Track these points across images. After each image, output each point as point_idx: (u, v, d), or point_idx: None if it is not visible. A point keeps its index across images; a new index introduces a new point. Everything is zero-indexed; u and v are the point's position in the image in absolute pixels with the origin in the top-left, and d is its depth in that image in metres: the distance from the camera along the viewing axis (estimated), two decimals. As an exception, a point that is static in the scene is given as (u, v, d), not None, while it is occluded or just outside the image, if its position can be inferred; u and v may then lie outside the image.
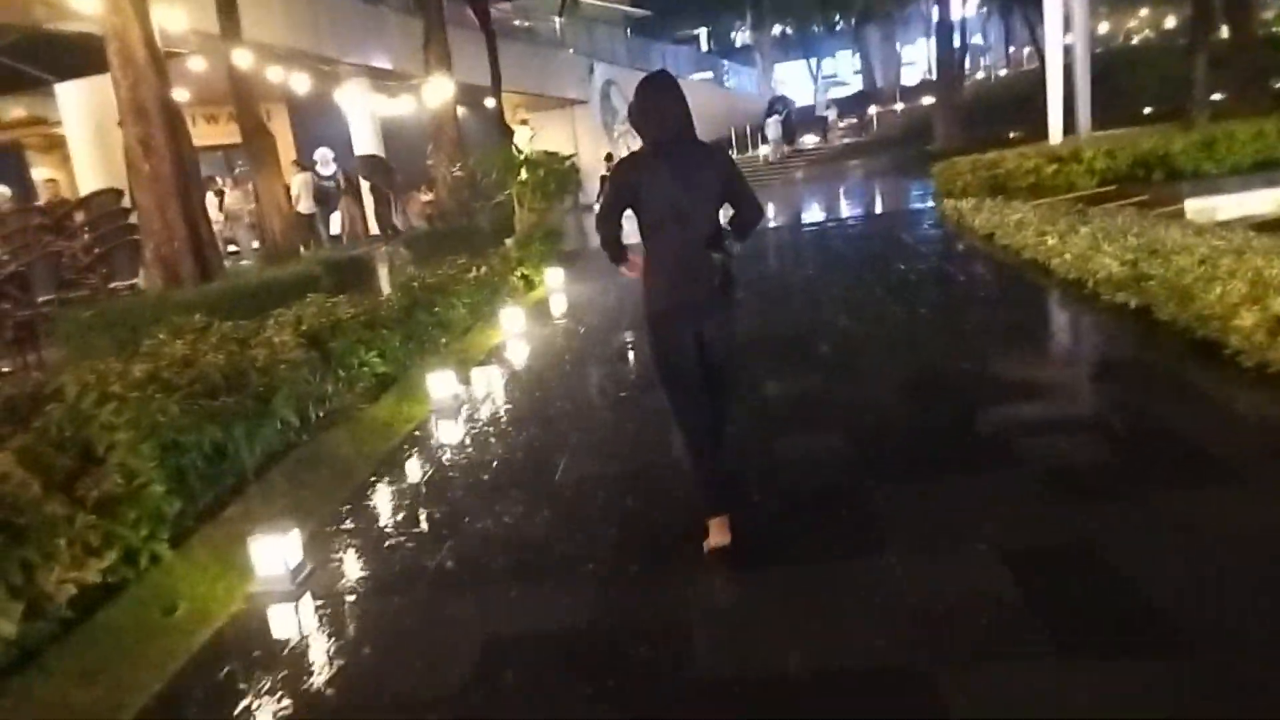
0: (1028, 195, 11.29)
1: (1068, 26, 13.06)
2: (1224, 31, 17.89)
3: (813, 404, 4.87)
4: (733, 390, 3.53)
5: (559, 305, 8.88)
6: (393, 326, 6.05)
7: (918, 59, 52.96)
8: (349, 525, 3.89)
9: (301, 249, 16.09)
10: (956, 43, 23.04)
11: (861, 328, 6.60)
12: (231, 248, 16.59)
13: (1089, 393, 4.66)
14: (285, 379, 4.81)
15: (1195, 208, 10.03)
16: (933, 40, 54.03)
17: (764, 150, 30.84)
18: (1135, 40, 44.70)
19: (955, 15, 42.01)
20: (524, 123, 28.71)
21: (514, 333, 7.35)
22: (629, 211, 3.17)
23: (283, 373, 4.88)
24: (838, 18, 31.87)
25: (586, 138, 29.31)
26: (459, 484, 4.27)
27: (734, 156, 26.85)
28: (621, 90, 31.28)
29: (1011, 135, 23.08)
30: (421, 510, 3.97)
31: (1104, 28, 50.38)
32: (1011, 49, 46.73)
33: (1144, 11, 40.47)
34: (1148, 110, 21.71)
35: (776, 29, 44.56)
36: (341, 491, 4.29)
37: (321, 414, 5.22)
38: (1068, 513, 3.10)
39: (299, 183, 19.01)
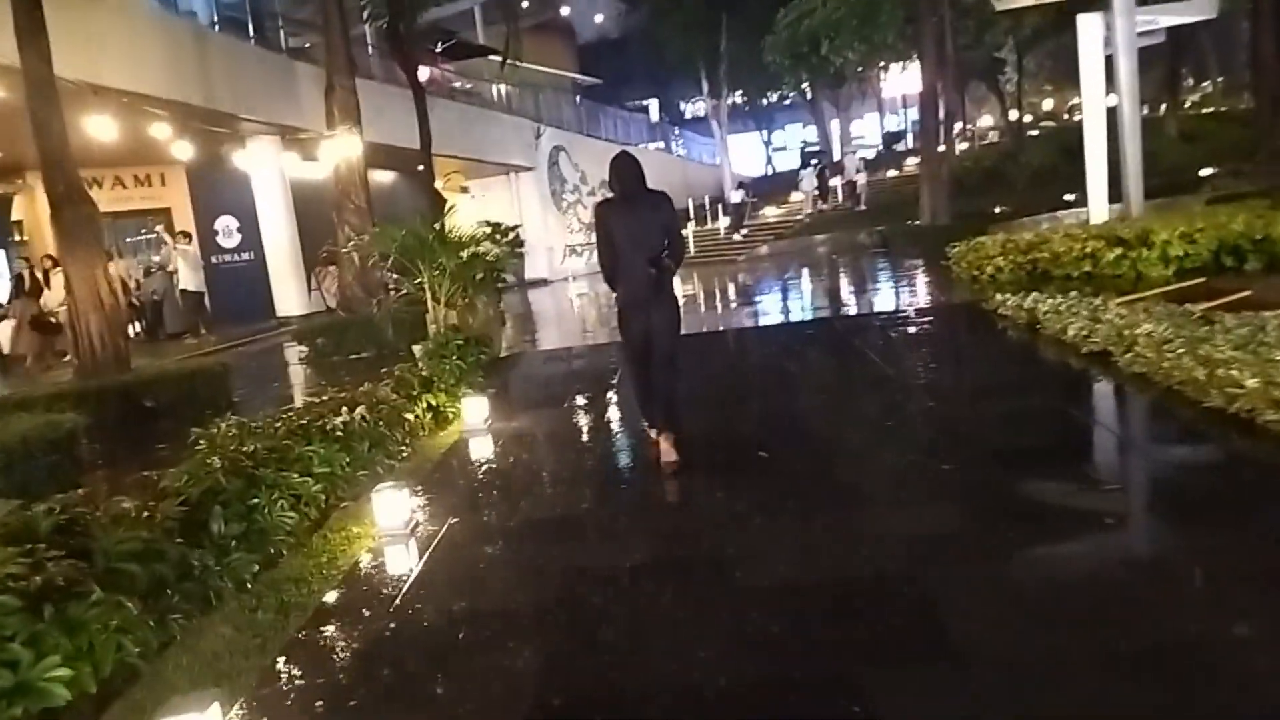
0: (1080, 286, 8.93)
1: (1110, 87, 10.92)
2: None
3: None
4: (675, 360, 5.02)
5: (481, 461, 5.71)
6: (131, 574, 3.13)
7: (866, 133, 52.77)
8: None
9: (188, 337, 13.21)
10: (941, 113, 21.25)
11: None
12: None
13: None
14: None
15: (1316, 309, 7.67)
16: (877, 116, 54.04)
17: (722, 223, 28.85)
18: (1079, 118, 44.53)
19: (907, 89, 41.09)
20: (464, 190, 26.23)
21: (394, 531, 4.34)
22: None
23: None
24: (805, 85, 30.43)
25: (532, 207, 26.95)
26: None
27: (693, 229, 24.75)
28: (571, 157, 29.07)
29: (997, 210, 21.33)
30: None
31: (1048, 104, 50.41)
32: (964, 125, 45.95)
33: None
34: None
35: (730, 99, 43.19)
36: None
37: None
38: None
39: (188, 256, 16.43)
